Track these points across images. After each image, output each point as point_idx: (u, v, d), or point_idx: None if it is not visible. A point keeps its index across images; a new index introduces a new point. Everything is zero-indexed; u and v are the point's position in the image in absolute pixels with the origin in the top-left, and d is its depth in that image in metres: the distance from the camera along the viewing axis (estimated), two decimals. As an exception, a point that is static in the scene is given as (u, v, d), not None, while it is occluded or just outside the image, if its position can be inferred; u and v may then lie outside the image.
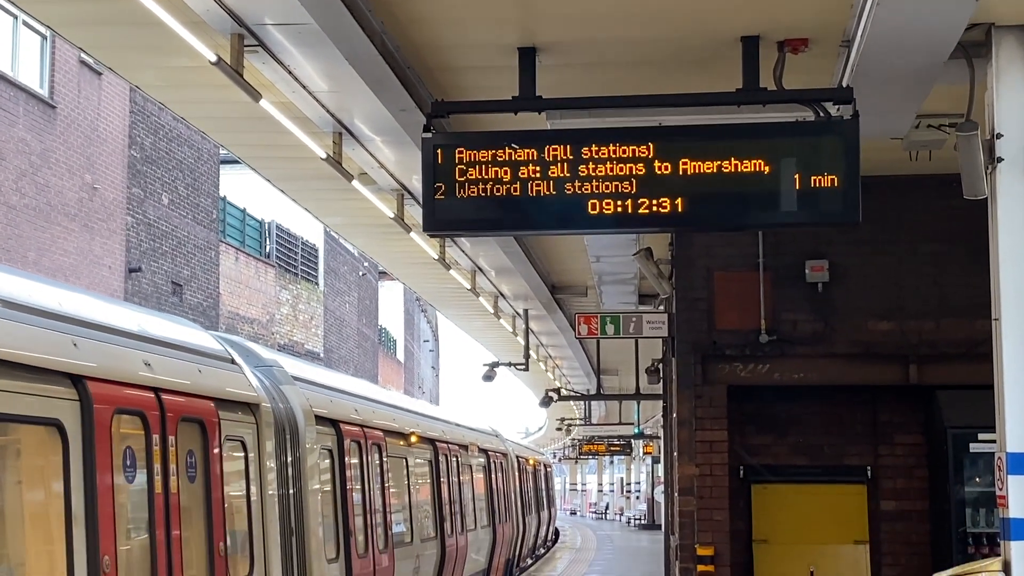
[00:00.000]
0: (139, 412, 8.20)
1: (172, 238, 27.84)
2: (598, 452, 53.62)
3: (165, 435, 8.46)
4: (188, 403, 8.97)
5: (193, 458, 9.05)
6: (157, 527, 8.28)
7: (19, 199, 21.53)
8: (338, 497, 12.55)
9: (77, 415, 7.34)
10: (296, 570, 10.99)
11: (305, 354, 35.95)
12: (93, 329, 7.94)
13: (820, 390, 11.74)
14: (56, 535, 7.16)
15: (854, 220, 7.54)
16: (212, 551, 9.13)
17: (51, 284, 8.57)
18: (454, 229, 8.41)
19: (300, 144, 10.73)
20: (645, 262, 13.05)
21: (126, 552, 7.88)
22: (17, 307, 7.09)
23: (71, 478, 7.23)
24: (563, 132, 7.95)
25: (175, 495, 8.53)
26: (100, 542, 7.35)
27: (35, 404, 6.98)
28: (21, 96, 21.69)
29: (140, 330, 8.80)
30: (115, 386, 7.87)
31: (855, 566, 11.74)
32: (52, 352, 7.24)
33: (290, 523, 11.00)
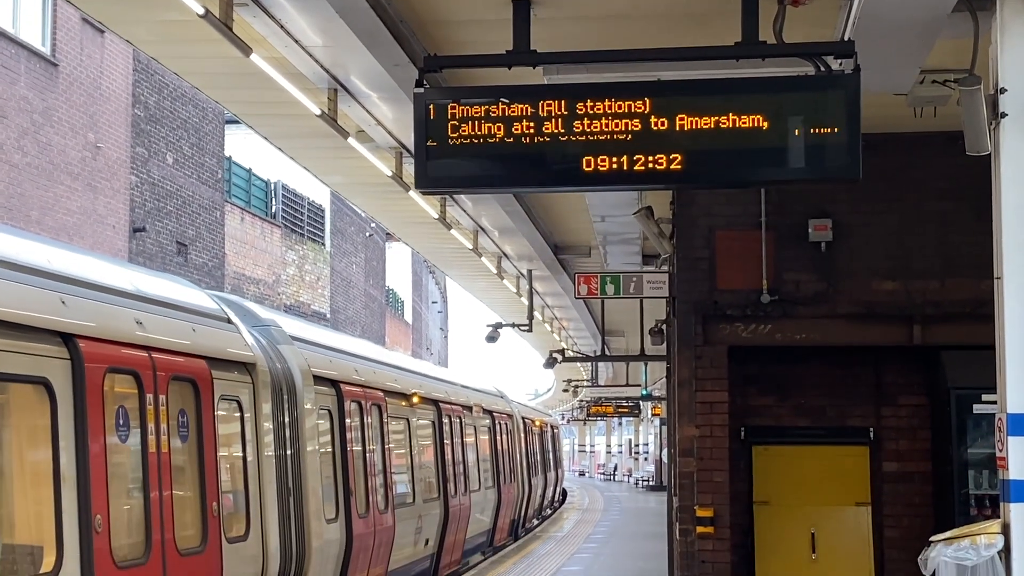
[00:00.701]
0: (131, 371, 8.13)
1: (177, 198, 27.72)
2: (606, 414, 53.63)
3: (158, 394, 8.38)
4: (182, 362, 8.90)
5: (187, 418, 9.00)
6: (150, 487, 8.23)
7: (21, 158, 21.41)
8: (338, 457, 12.48)
9: (67, 374, 7.27)
10: (294, 530, 10.91)
11: (311, 315, 35.91)
12: (84, 287, 7.85)
13: (823, 351, 11.61)
14: (45, 495, 7.09)
15: (855, 176, 7.39)
16: (206, 511, 9.08)
17: (40, 241, 8.47)
18: (447, 186, 8.27)
19: (294, 101, 10.60)
20: (646, 221, 12.91)
21: (119, 511, 7.82)
22: (4, 264, 6.99)
23: (60, 438, 7.17)
24: (558, 87, 7.81)
25: (168, 455, 8.46)
26: (92, 502, 7.29)
27: (22, 362, 6.89)
28: (23, 54, 21.53)
29: (133, 288, 8.70)
30: (107, 345, 7.79)
31: (857, 528, 11.65)
32: (40, 310, 7.15)
33: (288, 483, 10.91)
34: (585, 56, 8.03)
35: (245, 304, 11.90)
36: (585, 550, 23.47)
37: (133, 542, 8.01)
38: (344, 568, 12.28)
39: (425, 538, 16.50)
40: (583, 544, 24.88)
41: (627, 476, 64.64)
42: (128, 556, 7.84)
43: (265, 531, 10.21)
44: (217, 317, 10.09)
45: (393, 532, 14.27)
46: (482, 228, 18.57)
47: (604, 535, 27.29)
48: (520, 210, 16.20)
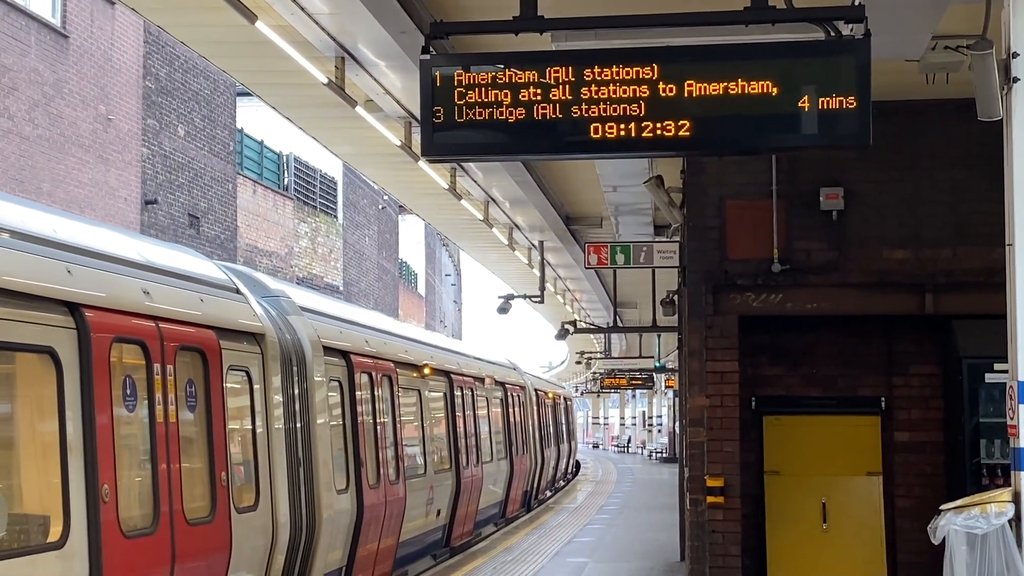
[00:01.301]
0: (138, 341, 8.08)
1: (189, 170, 27.70)
2: (620, 386, 53.62)
3: (165, 364, 8.35)
4: (189, 332, 8.85)
5: (194, 388, 8.96)
6: (158, 457, 8.19)
7: (32, 130, 21.39)
8: (348, 428, 12.44)
9: (74, 343, 7.23)
10: (304, 500, 10.88)
11: (324, 288, 35.92)
12: (90, 257, 7.82)
13: (834, 320, 11.53)
14: (52, 465, 7.06)
15: (865, 142, 7.29)
16: (214, 481, 9.06)
17: (46, 211, 8.43)
18: (454, 154, 8.20)
19: (301, 69, 10.54)
20: (656, 190, 12.82)
21: (126, 481, 7.79)
22: (7, 232, 6.97)
23: (66, 408, 7.13)
24: (565, 53, 7.73)
25: (176, 425, 8.43)
26: (99, 471, 7.25)
27: (28, 332, 6.86)
28: (33, 26, 21.49)
29: (140, 258, 8.66)
30: (113, 314, 7.75)
31: (868, 497, 11.60)
32: (45, 279, 7.11)
33: (297, 454, 10.87)
34: (593, 22, 7.94)
35: (254, 275, 11.85)
36: (598, 521, 23.49)
37: (141, 512, 7.99)
38: (355, 539, 12.27)
39: (437, 509, 16.49)
40: (596, 515, 24.91)
41: (641, 448, 64.74)
42: (136, 526, 7.82)
43: (275, 501, 10.18)
44: (225, 287, 10.04)
45: (404, 503, 14.24)
46: (493, 199, 18.52)
47: (617, 506, 27.32)
48: (531, 180, 16.13)
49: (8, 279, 6.72)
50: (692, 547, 11.45)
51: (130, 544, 7.62)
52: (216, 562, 8.90)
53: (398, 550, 14.28)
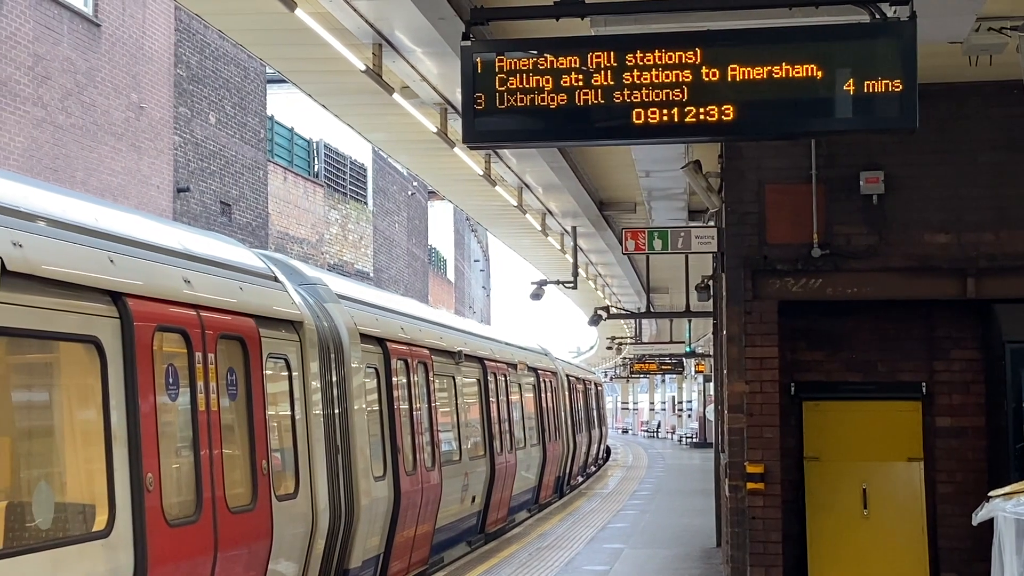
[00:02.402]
0: (180, 329, 8.11)
1: (220, 158, 27.78)
2: (649, 371, 53.53)
3: (206, 353, 8.37)
4: (230, 321, 8.88)
5: (235, 376, 8.99)
6: (200, 445, 8.22)
7: (65, 119, 21.49)
8: (385, 415, 12.50)
9: (117, 332, 7.27)
10: (342, 488, 10.93)
11: (355, 274, 35.99)
12: (131, 246, 7.85)
13: (874, 305, 11.46)
14: (97, 454, 7.09)
15: (911, 126, 7.23)
16: (255, 469, 9.10)
17: (88, 200, 8.44)
18: (495, 141, 8.15)
19: (339, 57, 10.53)
20: (694, 175, 12.75)
21: (170, 470, 7.82)
22: (52, 223, 7.00)
23: (110, 396, 7.16)
24: (607, 38, 7.69)
25: (217, 413, 8.46)
26: (143, 460, 7.29)
27: (72, 321, 6.90)
28: (65, 14, 21.56)
29: (180, 247, 8.70)
30: (155, 303, 7.78)
31: (909, 483, 11.53)
32: (89, 268, 7.14)
33: (336, 441, 10.91)
34: (636, 6, 7.90)
35: (291, 263, 11.90)
36: (631, 507, 23.49)
37: (184, 500, 8.01)
38: (392, 525, 12.33)
39: (472, 495, 16.57)
40: (628, 500, 24.91)
41: (670, 433, 64.69)
42: (179, 514, 7.85)
43: (314, 489, 10.21)
44: (264, 276, 10.08)
45: (440, 490, 14.30)
46: (526, 184, 18.48)
47: (649, 492, 27.31)
48: (565, 166, 16.09)
49: (52, 269, 6.75)
50: (731, 533, 11.42)
51: (174, 532, 7.66)
52: (258, 550, 8.95)
53: (434, 536, 14.34)
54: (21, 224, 6.60)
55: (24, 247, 6.46)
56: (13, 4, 19.98)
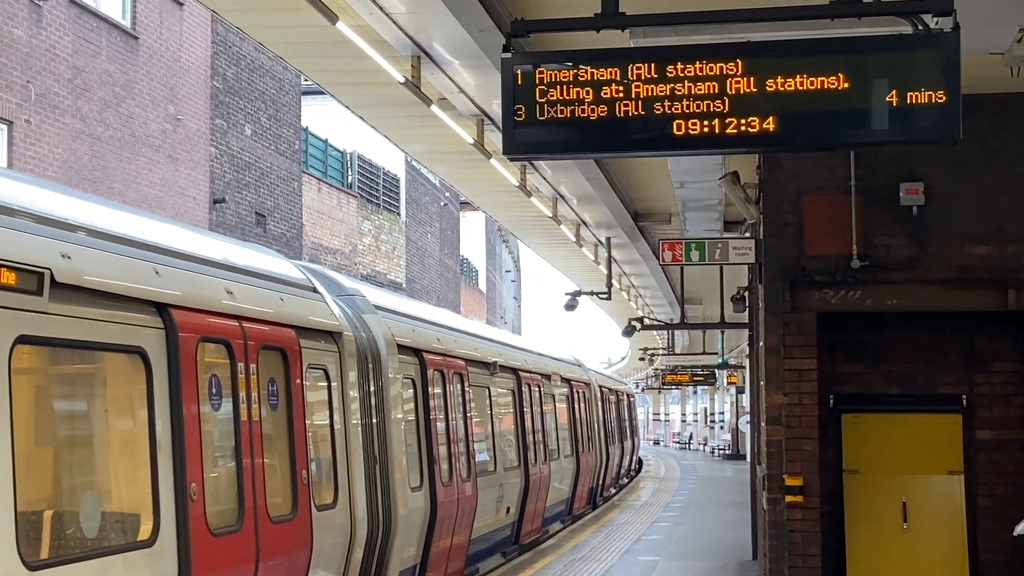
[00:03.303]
0: (223, 340, 8.17)
1: (255, 169, 27.92)
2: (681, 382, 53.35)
3: (248, 363, 8.41)
4: (271, 331, 8.93)
5: (276, 386, 9.01)
6: (243, 455, 8.26)
7: (104, 130, 21.65)
8: (421, 426, 12.50)
9: (162, 343, 7.32)
10: (380, 498, 10.93)
11: (387, 284, 36.07)
12: (175, 257, 7.92)
13: (914, 317, 11.38)
14: (142, 464, 7.15)
15: (954, 137, 7.18)
16: (295, 479, 9.13)
17: (132, 212, 8.53)
18: (535, 152, 8.16)
19: (378, 69, 10.57)
20: (731, 186, 12.71)
21: (213, 480, 7.87)
22: (99, 235, 7.06)
23: (155, 407, 7.21)
24: (647, 50, 7.67)
25: (259, 423, 8.50)
26: (188, 470, 7.34)
27: (119, 332, 6.96)
28: (104, 27, 21.74)
29: (222, 258, 8.77)
30: (199, 314, 7.83)
31: (949, 497, 11.45)
32: (134, 280, 7.20)
33: (374, 451, 10.94)
34: (676, 18, 7.88)
35: (329, 274, 11.95)
36: (664, 519, 23.41)
37: (227, 509, 8.04)
38: (428, 536, 12.32)
39: (506, 506, 16.54)
40: (661, 512, 24.82)
41: (702, 445, 64.43)
42: (222, 524, 7.89)
43: (352, 499, 10.22)
44: (303, 286, 10.13)
45: (476, 500, 14.29)
46: (561, 196, 18.49)
47: (682, 504, 27.21)
48: (601, 177, 16.08)
49: (100, 280, 6.80)
50: (769, 546, 11.35)
51: (217, 542, 7.69)
52: (298, 559, 8.98)
53: (469, 547, 14.34)
54: (69, 236, 6.67)
55: (73, 259, 6.51)
56: (52, 17, 20.16)
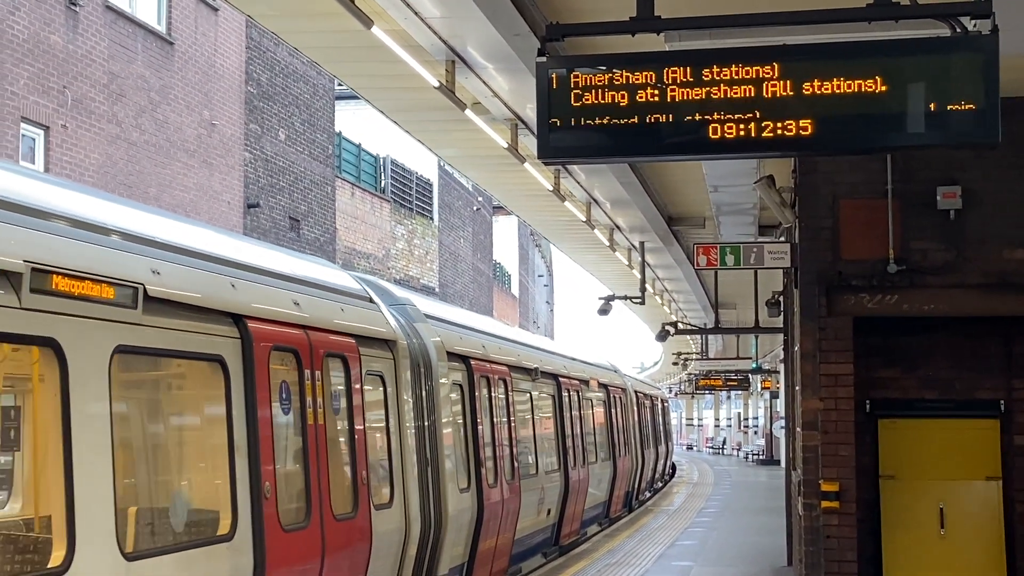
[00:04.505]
0: (292, 349, 8.65)
1: (289, 174, 28.05)
2: (715, 387, 53.20)
3: (314, 370, 8.88)
4: (333, 340, 9.41)
5: (338, 392, 9.50)
6: (310, 457, 8.74)
7: (139, 135, 21.80)
8: (468, 430, 12.96)
9: (238, 352, 7.76)
10: (432, 498, 11.40)
11: (420, 289, 36.13)
12: (249, 271, 8.39)
13: (951, 322, 11.31)
14: (221, 464, 7.64)
15: (993, 141, 7.14)
16: (356, 479, 9.61)
17: (209, 228, 9.07)
18: (569, 156, 8.17)
19: (413, 73, 10.61)
20: (767, 190, 12.68)
21: (284, 479, 8.35)
22: (182, 251, 7.50)
23: (233, 411, 7.66)
24: (682, 53, 7.66)
25: (324, 427, 8.99)
26: (262, 470, 7.78)
27: (201, 342, 7.39)
28: (139, 33, 21.90)
29: (289, 271, 9.27)
30: (271, 324, 8.29)
31: (987, 502, 11.36)
32: (214, 293, 7.63)
33: (425, 454, 11.43)
34: (711, 21, 7.85)
35: (383, 284, 12.36)
36: (698, 524, 23.34)
37: (296, 507, 8.45)
38: (475, 535, 12.71)
39: (547, 508, 16.80)
40: (696, 518, 24.75)
41: (736, 450, 64.21)
42: (292, 521, 8.28)
43: (407, 499, 10.65)
44: (361, 297, 10.56)
45: (519, 502, 14.61)
46: (595, 200, 18.48)
47: (717, 509, 27.12)
48: (635, 181, 16.07)
49: (185, 294, 7.19)
50: (805, 552, 11.31)
51: (288, 537, 8.11)
52: (359, 555, 9.37)
53: (513, 547, 14.68)
54: (157, 253, 7.07)
55: (161, 274, 6.91)
56: (89, 23, 20.33)
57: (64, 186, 7.12)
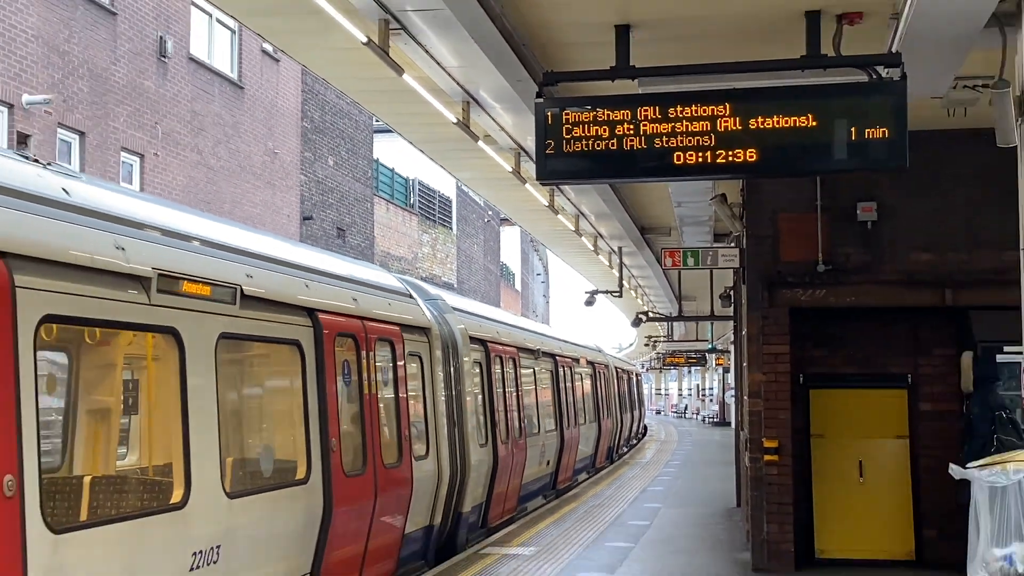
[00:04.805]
0: (351, 335, 8.99)
1: (336, 192, 28.02)
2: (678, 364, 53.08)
3: (368, 352, 9.25)
4: (383, 328, 9.79)
5: (386, 368, 9.90)
6: (365, 419, 9.09)
7: (216, 162, 21.79)
8: (486, 398, 13.34)
9: (311, 337, 8.20)
10: (458, 452, 11.88)
11: (442, 285, 36.09)
12: (318, 274, 8.75)
13: (869, 311, 11.30)
14: (299, 425, 8.13)
15: (903, 165, 7.16)
16: (400, 436, 9.99)
17: (286, 241, 9.42)
18: (562, 178, 8.17)
19: (436, 112, 10.57)
20: (720, 205, 12.66)
21: (345, 436, 8.72)
22: (268, 259, 7.88)
23: (307, 383, 8.11)
24: (653, 95, 7.66)
25: (376, 396, 9.37)
26: (329, 429, 8.25)
27: (285, 330, 7.92)
28: (216, 79, 21.88)
29: (348, 274, 9.63)
30: (335, 316, 8.63)
31: (897, 457, 11.36)
32: (293, 291, 8.00)
33: (453, 417, 11.86)
34: (675, 69, 7.86)
35: (419, 283, 12.71)
36: (665, 474, 23.32)
37: (355, 458, 8.82)
38: (491, 481, 13.13)
39: (547, 460, 17.13)
40: (663, 469, 24.73)
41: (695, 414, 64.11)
42: (352, 468, 8.66)
43: (439, 452, 11.04)
44: (403, 294, 10.90)
45: (525, 455, 14.97)
46: (582, 213, 18.43)
47: (680, 462, 27.09)
48: (614, 198, 16.03)
49: (271, 292, 7.55)
50: (751, 496, 11.30)
51: (349, 481, 8.47)
52: (403, 495, 9.80)
53: (521, 490, 15.06)
54: (249, 260, 7.45)
55: (254, 277, 7.29)
56: (175, 71, 20.32)
57: (179, 209, 7.41)
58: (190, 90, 20.83)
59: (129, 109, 18.78)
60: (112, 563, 5.53)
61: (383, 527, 9.20)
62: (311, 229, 26.18)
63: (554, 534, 13.34)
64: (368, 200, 30.28)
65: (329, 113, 27.60)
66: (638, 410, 37.02)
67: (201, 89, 21.21)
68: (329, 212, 27.45)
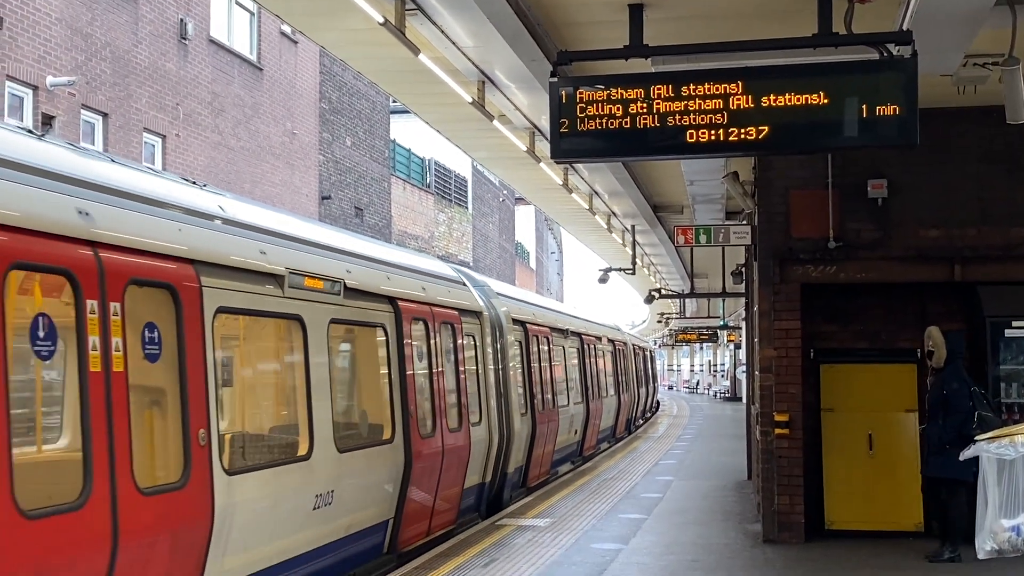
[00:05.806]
0: (422, 319, 10.19)
1: (354, 172, 28.03)
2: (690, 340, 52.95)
3: (435, 333, 10.67)
4: (445, 312, 11.01)
5: (449, 347, 11.04)
6: (435, 390, 10.48)
7: (236, 142, 21.82)
8: (525, 373, 14.60)
9: (392, 321, 9.52)
10: (504, 420, 13.13)
11: (458, 263, 36.09)
12: (397, 268, 9.94)
13: (878, 287, 11.25)
14: (385, 393, 9.49)
15: (913, 142, 7.10)
16: (460, 404, 11.19)
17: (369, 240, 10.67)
18: (576, 157, 8.16)
19: (452, 92, 10.55)
20: (732, 183, 12.60)
21: (419, 404, 10.05)
22: (360, 256, 9.18)
23: (391, 359, 9.44)
24: (665, 74, 7.61)
25: (441, 371, 10.80)
26: (408, 397, 9.52)
27: (374, 315, 9.19)
28: (236, 61, 21.88)
29: (416, 266, 10.83)
30: (410, 303, 9.96)
31: (905, 430, 11.32)
32: (379, 284, 9.31)
33: (500, 389, 13.13)
34: (688, 48, 7.82)
35: (470, 272, 14.01)
36: (677, 447, 23.35)
37: (427, 422, 10.19)
38: (530, 447, 14.63)
39: (575, 429, 18.57)
40: (675, 443, 24.75)
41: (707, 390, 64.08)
42: (425, 431, 10.05)
43: (490, 419, 12.42)
44: (458, 282, 12.29)
45: (558, 424, 16.40)
46: (595, 192, 18.40)
47: (692, 436, 27.11)
48: (627, 177, 15.98)
49: (365, 284, 8.87)
50: (762, 468, 11.30)
51: (423, 441, 9.89)
52: (463, 454, 11.22)
53: (554, 455, 16.57)
54: (348, 259, 8.80)
55: (352, 272, 8.64)
56: (196, 53, 20.32)
57: (296, 217, 8.84)
58: (210, 72, 20.83)
59: (151, 91, 18.80)
60: (264, 501, 6.90)
61: (448, 481, 10.65)
62: (329, 208, 26.22)
63: (569, 506, 13.39)
64: (385, 180, 30.28)
65: (347, 94, 27.57)
66: (652, 385, 37.20)
67: (221, 71, 21.20)
68: (347, 192, 27.47)
